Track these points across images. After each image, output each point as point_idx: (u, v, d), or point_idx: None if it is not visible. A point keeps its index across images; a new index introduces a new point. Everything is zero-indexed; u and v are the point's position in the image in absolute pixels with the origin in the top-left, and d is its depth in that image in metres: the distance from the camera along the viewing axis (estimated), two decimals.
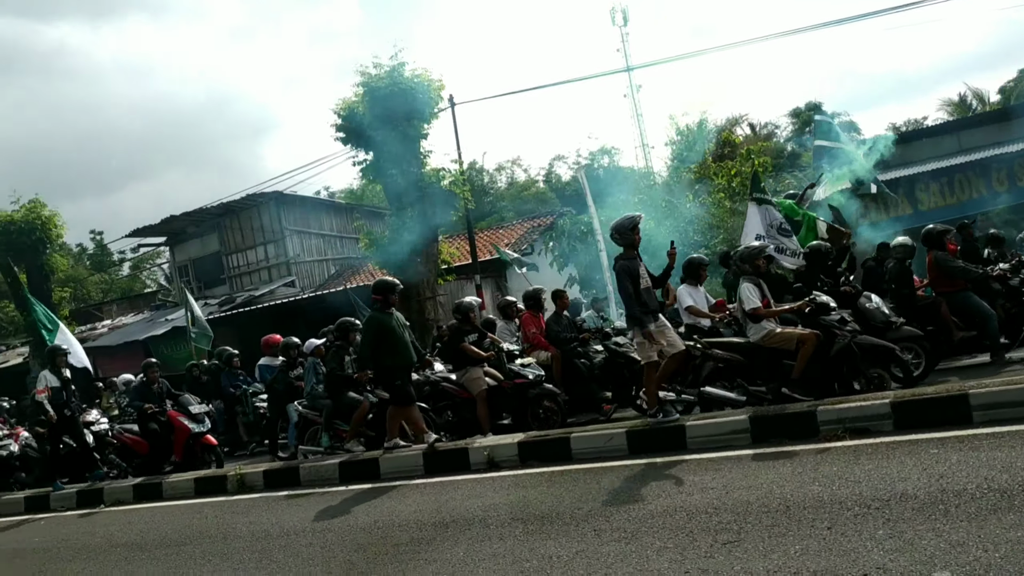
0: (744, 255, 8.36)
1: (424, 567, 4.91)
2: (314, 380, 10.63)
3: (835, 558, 3.83)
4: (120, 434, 12.40)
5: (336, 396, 10.11)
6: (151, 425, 11.51)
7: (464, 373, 9.95)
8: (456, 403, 10.23)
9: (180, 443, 11.40)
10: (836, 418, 6.51)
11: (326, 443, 10.16)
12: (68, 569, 6.88)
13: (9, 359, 28.56)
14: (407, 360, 9.07)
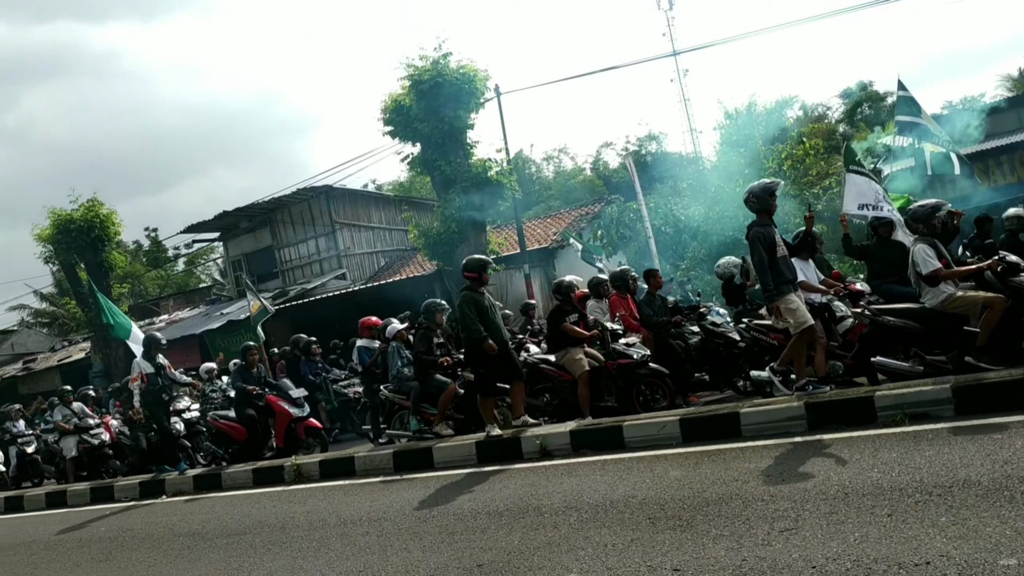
0: (918, 214, 7.64)
1: (480, 555, 4.94)
2: (399, 363, 10.45)
3: (896, 546, 3.76)
4: (215, 420, 12.26)
5: (423, 379, 9.97)
6: (248, 411, 11.40)
7: (564, 354, 9.55)
8: (555, 385, 9.87)
9: (281, 428, 11.30)
10: (895, 403, 6.39)
11: (415, 427, 9.97)
12: (133, 557, 7.06)
13: (72, 354, 29.38)
14: (500, 341, 8.81)
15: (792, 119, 39.62)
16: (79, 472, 13.93)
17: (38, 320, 38.75)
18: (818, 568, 3.68)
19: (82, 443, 13.83)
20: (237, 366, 11.93)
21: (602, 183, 41.42)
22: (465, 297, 8.92)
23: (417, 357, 10.06)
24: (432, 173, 19.27)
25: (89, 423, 14.12)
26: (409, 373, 10.27)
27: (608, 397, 9.65)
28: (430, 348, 10.06)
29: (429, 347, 10.06)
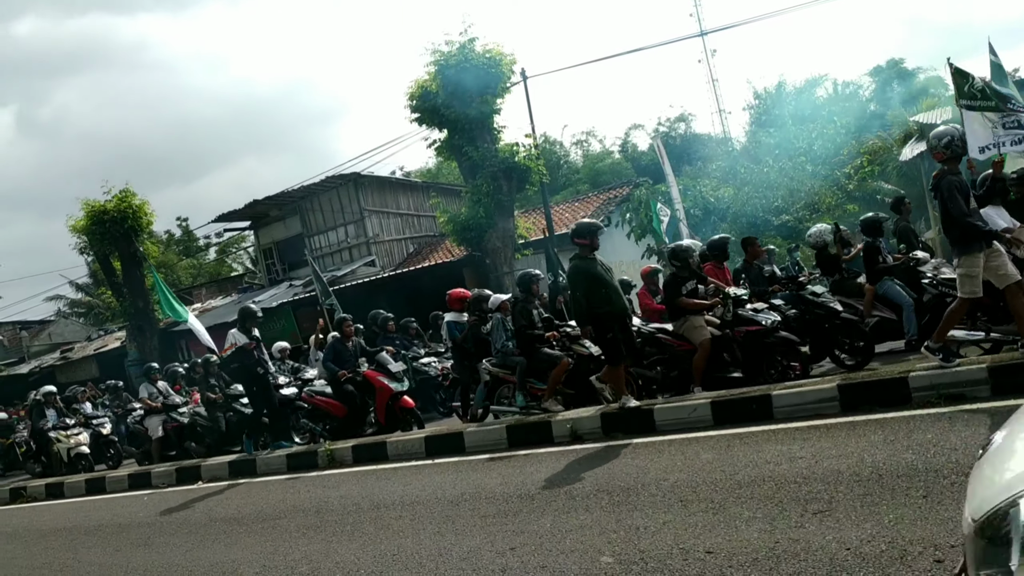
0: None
1: (512, 538, 4.97)
2: (504, 337, 9.92)
3: (931, 527, 3.73)
4: (311, 396, 11.66)
5: (529, 353, 9.54)
6: (346, 386, 10.94)
7: (684, 322, 8.86)
8: (672, 356, 9.17)
9: (382, 404, 10.81)
10: (929, 384, 6.32)
11: (521, 403, 9.51)
12: (171, 541, 7.18)
13: (108, 343, 29.82)
14: (621, 307, 8.30)
15: (822, 98, 39.15)
16: (166, 452, 13.51)
17: (74, 310, 39.37)
18: (852, 550, 3.66)
19: (168, 422, 13.53)
20: (332, 340, 11.51)
21: (630, 166, 41.20)
22: (576, 266, 8.35)
23: (521, 331, 9.59)
24: (459, 159, 19.30)
25: (176, 401, 13.84)
26: (514, 347, 9.78)
27: (732, 368, 8.92)
28: (532, 321, 9.65)
29: (531, 320, 9.64)
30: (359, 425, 11.08)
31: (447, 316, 11.94)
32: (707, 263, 10.30)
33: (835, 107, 32.94)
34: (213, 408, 12.85)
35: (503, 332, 9.93)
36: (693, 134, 42.51)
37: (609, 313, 8.06)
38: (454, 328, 11.45)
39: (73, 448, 14.37)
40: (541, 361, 9.43)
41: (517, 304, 9.87)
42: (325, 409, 11.41)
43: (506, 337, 9.87)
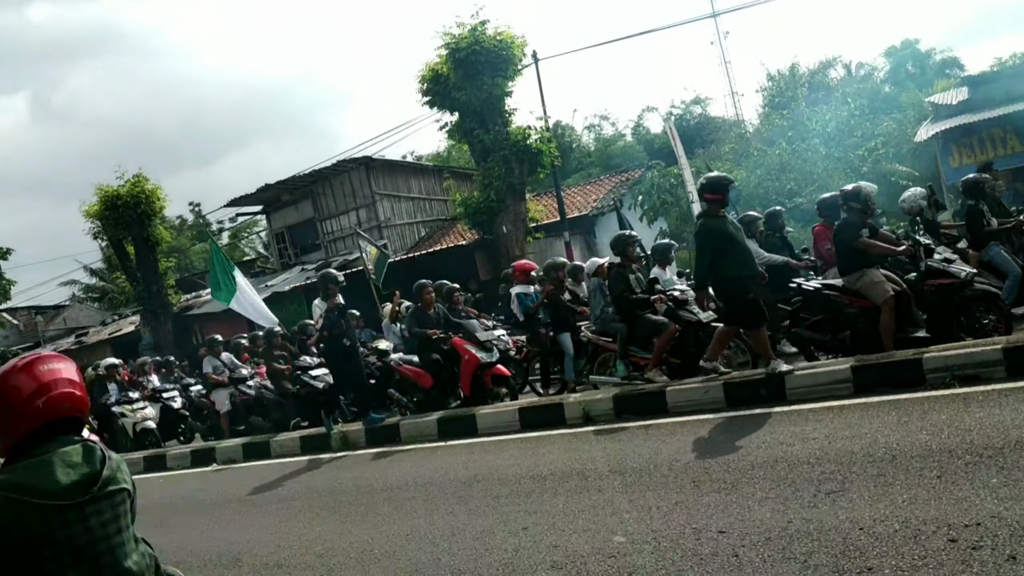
0: None
1: (525, 518, 4.99)
2: (603, 302, 9.40)
3: (946, 507, 3.72)
4: (399, 366, 11.04)
5: (631, 320, 8.96)
6: (432, 355, 10.34)
7: (860, 276, 7.77)
8: (846, 316, 8.09)
9: (468, 375, 10.17)
10: (943, 365, 6.29)
11: (622, 372, 8.98)
12: (187, 521, 7.25)
13: (122, 327, 30.00)
14: (754, 269, 7.78)
15: (835, 80, 38.86)
16: (234, 426, 13.02)
17: (89, 295, 39.60)
18: (865, 530, 3.66)
19: (236, 395, 13.03)
20: (412, 308, 10.97)
21: (642, 149, 41.03)
22: (704, 225, 7.64)
23: (622, 297, 8.99)
24: (471, 142, 19.28)
25: (243, 374, 13.29)
26: (613, 313, 9.24)
27: (910, 328, 7.75)
28: (630, 286, 9.07)
29: (628, 285, 9.05)
30: (446, 396, 10.53)
31: (515, 288, 11.39)
32: (817, 224, 9.81)
33: (849, 89, 32.68)
34: (280, 381, 12.29)
35: (601, 297, 9.42)
36: (707, 117, 42.29)
37: (745, 276, 7.51)
38: (524, 299, 11.03)
39: (139, 423, 13.65)
40: (644, 328, 8.84)
41: (613, 268, 9.33)
42: (412, 379, 10.85)
43: (605, 303, 9.37)
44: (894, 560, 3.29)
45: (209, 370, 13.39)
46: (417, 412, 10.31)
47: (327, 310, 9.85)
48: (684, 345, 8.82)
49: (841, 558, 3.42)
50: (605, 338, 9.36)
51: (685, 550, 3.90)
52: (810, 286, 8.49)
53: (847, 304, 8.04)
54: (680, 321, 8.82)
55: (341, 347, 10.01)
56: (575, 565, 4.01)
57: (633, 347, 9.05)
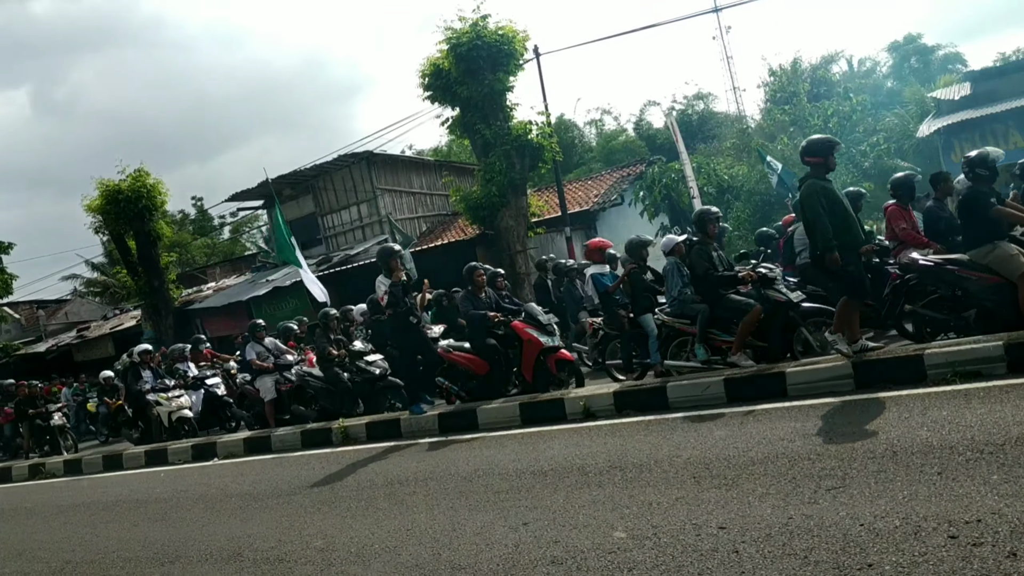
0: None
1: (525, 513, 4.99)
2: (680, 283, 8.97)
3: (946, 503, 3.72)
4: (448, 352, 10.43)
5: (713, 300, 8.57)
6: (488, 340, 9.94)
7: (991, 250, 7.16)
8: (966, 293, 7.52)
9: (531, 360, 9.69)
10: (945, 362, 6.29)
11: (703, 356, 8.61)
12: (188, 516, 7.25)
13: (124, 322, 30.02)
14: (859, 238, 7.27)
15: (838, 75, 38.79)
16: (279, 415, 12.53)
17: (90, 289, 39.57)
18: (866, 526, 3.65)
19: (282, 383, 12.53)
20: (463, 292, 10.49)
21: (644, 144, 40.98)
22: (811, 187, 7.14)
23: (706, 275, 8.57)
24: (472, 136, 19.25)
25: (288, 360, 12.79)
26: (692, 294, 8.88)
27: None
28: (713, 264, 8.67)
29: (712, 263, 8.66)
30: (503, 384, 10.07)
31: (590, 269, 10.99)
32: (889, 204, 9.51)
33: (851, 84, 32.63)
34: (329, 366, 11.55)
35: (679, 277, 9.00)
36: (709, 112, 42.23)
37: (851, 243, 7.06)
38: (601, 279, 10.50)
39: (175, 412, 13.21)
40: (728, 309, 8.46)
41: (694, 246, 8.88)
42: (464, 366, 10.33)
43: (683, 283, 8.97)
44: (894, 557, 3.29)
45: (253, 356, 12.78)
46: (471, 401, 9.88)
47: (391, 285, 9.45)
48: (772, 327, 8.29)
49: (841, 554, 3.42)
50: (682, 320, 8.96)
51: (685, 546, 3.90)
52: (929, 262, 7.90)
53: (974, 280, 7.44)
54: (768, 301, 8.31)
55: (408, 324, 9.58)
56: (575, 560, 4.01)
57: (713, 330, 8.66)
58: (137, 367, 13.86)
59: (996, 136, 19.89)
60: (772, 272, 8.59)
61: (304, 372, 12.24)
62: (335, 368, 11.44)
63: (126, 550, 6.32)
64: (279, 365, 12.66)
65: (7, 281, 28.39)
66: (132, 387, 13.67)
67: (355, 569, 4.63)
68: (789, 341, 8.38)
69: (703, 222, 8.92)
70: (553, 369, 9.71)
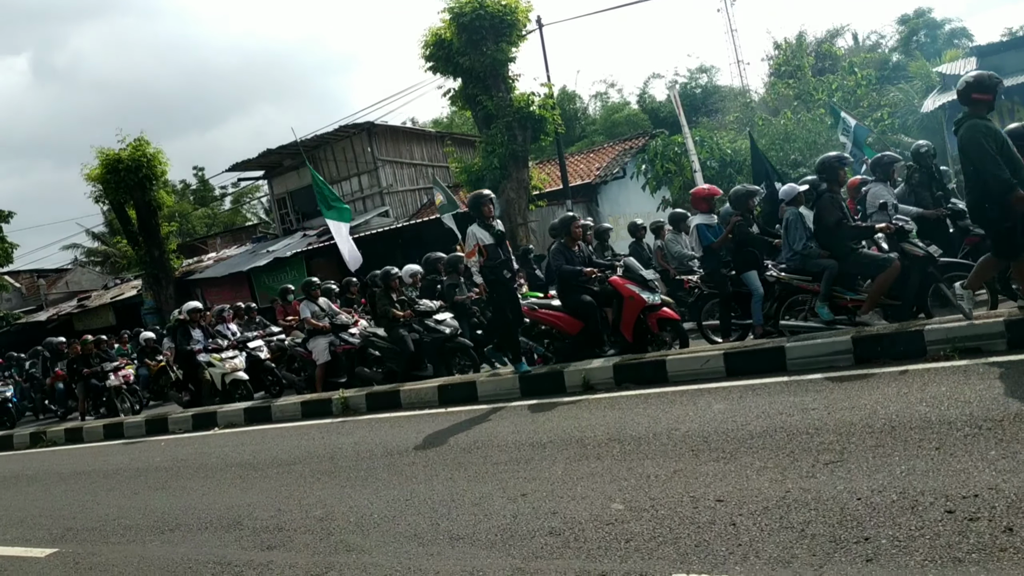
0: None
1: (524, 484, 5.01)
2: (804, 235, 8.31)
3: (944, 478, 3.73)
4: (533, 311, 9.77)
5: (842, 254, 7.94)
6: (583, 297, 9.16)
7: None
8: None
9: (631, 318, 9.01)
10: (945, 337, 6.29)
11: (826, 315, 7.96)
12: (188, 485, 7.29)
13: (124, 291, 30.06)
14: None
15: (843, 49, 38.51)
16: (331, 379, 11.77)
17: (91, 259, 39.62)
18: (863, 500, 3.66)
19: (337, 344, 11.79)
20: (556, 245, 9.66)
21: (647, 118, 40.76)
22: (975, 127, 6.33)
23: (838, 227, 7.93)
24: (473, 108, 19.14)
25: (344, 320, 12.07)
26: (816, 248, 8.23)
27: None
28: (846, 215, 8.05)
29: (844, 213, 8.02)
30: (598, 343, 9.32)
31: (695, 219, 9.92)
32: None
33: (856, 58, 32.37)
34: (394, 327, 10.81)
35: (803, 229, 8.34)
36: (713, 85, 41.96)
37: None
38: (706, 232, 9.51)
39: (229, 374, 12.47)
40: (860, 264, 7.90)
41: (823, 194, 8.16)
42: (554, 325, 9.65)
43: (807, 236, 8.31)
44: (891, 530, 3.30)
45: (307, 315, 12.00)
46: (561, 361, 9.20)
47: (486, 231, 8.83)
48: (907, 283, 7.73)
49: (838, 528, 3.43)
50: (801, 277, 8.33)
51: (683, 518, 3.91)
52: None
53: None
54: (905, 256, 7.76)
55: (503, 278, 8.93)
56: (573, 531, 4.03)
57: (837, 287, 8.08)
58: (187, 326, 13.05)
59: (1001, 112, 19.73)
60: (908, 224, 8.01)
61: (368, 333, 11.51)
62: (400, 329, 10.79)
63: (126, 518, 6.36)
64: (335, 325, 11.93)
65: (7, 250, 28.41)
66: (182, 347, 12.83)
67: (354, 538, 4.66)
68: (923, 298, 7.87)
69: (833, 168, 8.14)
70: (655, 328, 9.12)
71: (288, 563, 4.45)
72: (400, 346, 10.75)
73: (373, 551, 4.38)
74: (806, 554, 3.26)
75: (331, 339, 11.81)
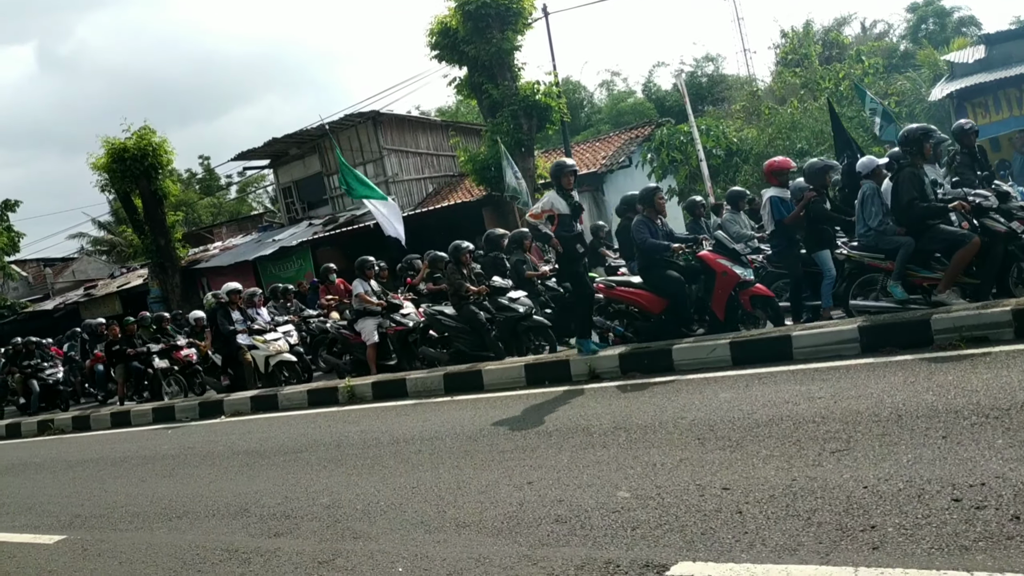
0: None
1: (529, 472, 5.02)
2: (881, 212, 7.93)
3: (950, 467, 3.72)
4: (610, 289, 9.29)
5: (919, 231, 7.61)
6: (669, 272, 8.63)
7: None
8: None
9: (724, 295, 8.49)
10: (952, 326, 6.28)
11: (900, 295, 7.67)
12: (195, 473, 7.32)
13: (131, 280, 30.11)
14: None
15: (850, 37, 38.32)
16: (381, 361, 11.42)
17: (97, 248, 39.68)
18: (869, 488, 3.66)
19: (385, 326, 11.36)
20: (639, 218, 8.98)
21: (653, 107, 40.64)
22: None
23: (911, 205, 7.59)
24: (479, 97, 19.09)
25: (398, 300, 11.67)
26: (892, 225, 7.87)
27: None
28: (924, 191, 7.66)
29: (923, 190, 7.65)
30: (686, 322, 8.81)
31: (768, 192, 9.30)
32: None
33: (863, 47, 32.23)
34: (465, 304, 10.30)
35: (879, 205, 7.96)
36: (720, 74, 41.82)
37: None
38: (779, 206, 8.96)
39: (273, 356, 12.04)
40: (937, 241, 7.57)
41: (903, 169, 7.84)
42: (634, 303, 9.08)
43: (883, 212, 7.94)
44: (897, 519, 3.30)
45: (361, 291, 11.49)
46: (644, 342, 8.64)
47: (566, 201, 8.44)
48: (986, 261, 7.47)
49: (845, 516, 3.43)
50: (873, 255, 8.00)
51: (689, 506, 3.92)
52: None
53: None
54: (986, 232, 7.49)
55: (577, 253, 8.53)
56: (579, 519, 4.04)
57: (911, 265, 7.77)
58: (226, 307, 12.62)
59: (1010, 100, 19.62)
60: (988, 200, 7.71)
61: (435, 311, 10.81)
62: (470, 306, 10.27)
63: (134, 505, 6.39)
64: (391, 305, 11.47)
65: (14, 239, 28.46)
66: (224, 329, 12.38)
67: (361, 525, 4.68)
68: (1004, 278, 7.58)
69: (919, 141, 7.78)
70: (747, 306, 8.62)
71: (295, 550, 4.47)
72: (472, 324, 10.24)
73: (380, 538, 4.40)
74: (812, 542, 3.26)
75: (380, 320, 11.38)
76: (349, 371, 11.78)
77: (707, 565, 3.25)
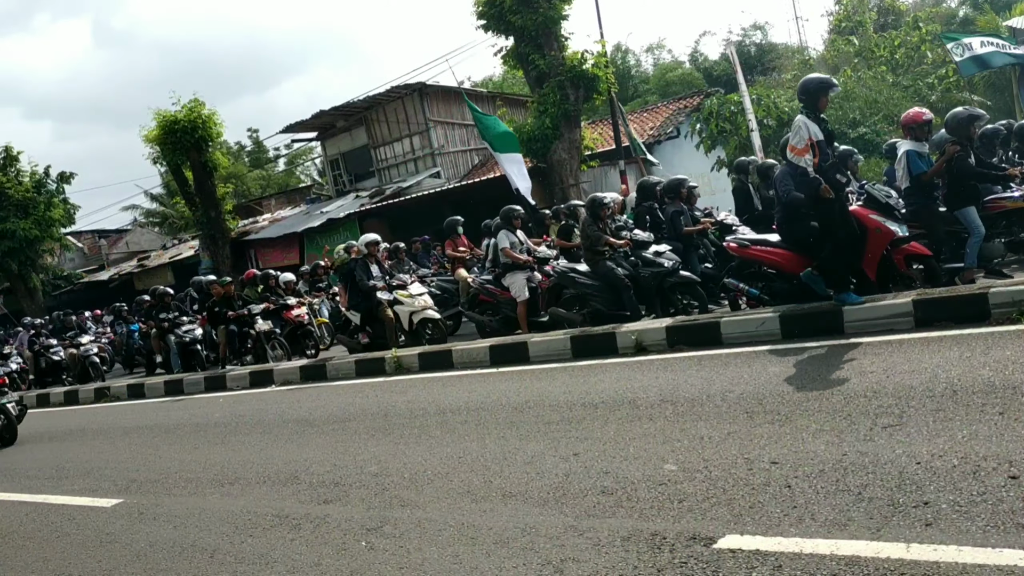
0: None
1: (576, 444, 5.02)
2: None
3: (1007, 444, 3.64)
4: (742, 248, 8.34)
5: None
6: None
7: None
8: None
9: (876, 254, 7.55)
10: (1010, 300, 6.11)
11: None
12: (246, 441, 7.46)
13: (182, 251, 30.66)
14: None
15: (907, 4, 37.24)
16: (532, 317, 10.53)
17: (149, 220, 40.44)
18: (923, 464, 3.60)
19: (535, 281, 10.54)
20: (784, 167, 7.73)
21: (701, 76, 40.01)
22: None
23: None
24: (526, 67, 18.96)
25: (548, 253, 10.83)
26: None
27: None
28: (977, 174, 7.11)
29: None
30: (841, 284, 7.50)
31: (903, 145, 8.33)
32: None
33: (920, 13, 31.33)
34: (602, 260, 9.47)
35: None
36: (769, 43, 41.01)
37: None
38: (917, 160, 8.11)
39: (418, 312, 11.33)
40: None
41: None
42: (768, 263, 8.23)
43: None
44: (951, 495, 3.24)
45: (507, 245, 10.54)
46: (777, 304, 7.84)
47: None
48: None
49: (897, 492, 3.38)
50: None
51: (737, 479, 3.89)
52: None
53: None
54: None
55: (838, 184, 7.37)
56: (625, 491, 4.03)
57: None
58: (365, 259, 11.78)
59: None
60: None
61: (567, 267, 9.95)
62: (607, 261, 9.45)
63: (187, 471, 6.54)
64: (539, 259, 10.60)
65: (70, 211, 29.09)
66: (362, 284, 11.49)
67: (408, 494, 4.73)
68: None
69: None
70: (901, 265, 7.79)
71: (344, 517, 4.53)
72: (610, 280, 9.39)
73: (427, 506, 4.44)
74: (863, 517, 3.21)
75: (528, 274, 10.51)
76: (496, 329, 10.86)
77: (755, 539, 3.22)
